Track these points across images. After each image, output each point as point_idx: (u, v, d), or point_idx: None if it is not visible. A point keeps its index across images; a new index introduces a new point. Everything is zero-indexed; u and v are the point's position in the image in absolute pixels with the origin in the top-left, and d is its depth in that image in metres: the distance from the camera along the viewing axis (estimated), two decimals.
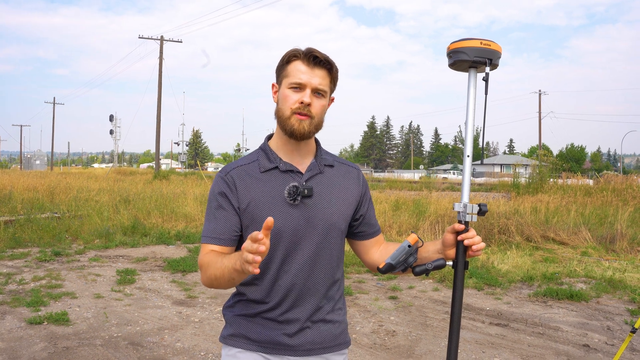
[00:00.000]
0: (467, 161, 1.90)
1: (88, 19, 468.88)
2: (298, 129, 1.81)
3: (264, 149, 1.92)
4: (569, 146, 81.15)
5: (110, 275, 8.05)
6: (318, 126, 1.87)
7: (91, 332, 5.48)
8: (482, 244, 1.84)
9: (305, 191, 1.82)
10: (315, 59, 1.81)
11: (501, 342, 5.39)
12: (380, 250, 2.03)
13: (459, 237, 1.83)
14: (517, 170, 23.86)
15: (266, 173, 1.86)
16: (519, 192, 19.97)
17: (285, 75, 1.85)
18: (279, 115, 1.86)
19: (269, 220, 1.43)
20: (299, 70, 1.81)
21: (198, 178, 32.43)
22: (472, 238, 1.81)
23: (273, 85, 1.92)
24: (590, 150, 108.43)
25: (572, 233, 11.16)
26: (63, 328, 5.56)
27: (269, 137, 1.97)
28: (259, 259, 1.42)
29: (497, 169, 77.48)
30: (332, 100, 1.95)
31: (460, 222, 1.86)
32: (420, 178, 49.59)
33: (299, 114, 1.81)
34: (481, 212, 1.85)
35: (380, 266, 1.85)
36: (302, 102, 1.80)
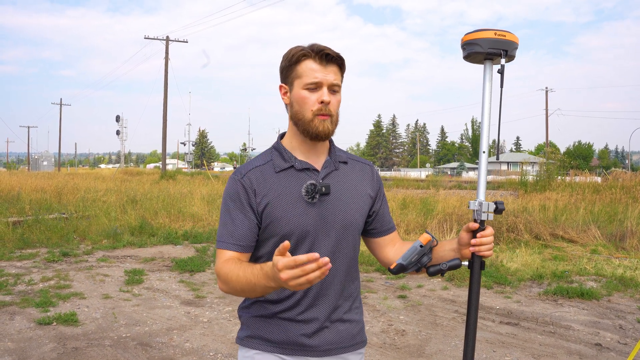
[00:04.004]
0: (483, 157, 1.84)
1: (94, 20, 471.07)
2: (323, 130, 1.78)
3: (278, 148, 1.88)
4: (576, 143, 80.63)
5: (119, 275, 8.05)
6: (336, 122, 1.84)
7: (100, 332, 5.47)
8: (489, 252, 1.82)
9: (323, 189, 1.79)
10: (327, 56, 1.77)
11: (512, 341, 5.35)
12: (395, 249, 1.99)
13: (477, 235, 1.81)
14: (524, 168, 23.75)
15: (282, 173, 1.82)
16: (527, 190, 19.86)
17: (298, 75, 1.79)
18: (298, 119, 1.80)
19: (285, 244, 1.46)
20: (313, 69, 1.76)
21: (205, 178, 32.47)
22: (480, 239, 1.80)
23: (281, 87, 1.87)
24: (597, 147, 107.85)
25: (581, 231, 11.08)
26: (72, 328, 5.56)
27: (282, 135, 1.93)
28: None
29: (504, 167, 77.23)
30: None
31: (475, 220, 1.82)
32: (426, 176, 49.50)
33: (321, 114, 1.77)
34: (498, 210, 1.81)
35: (392, 267, 1.82)
36: (322, 102, 1.76)
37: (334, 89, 1.80)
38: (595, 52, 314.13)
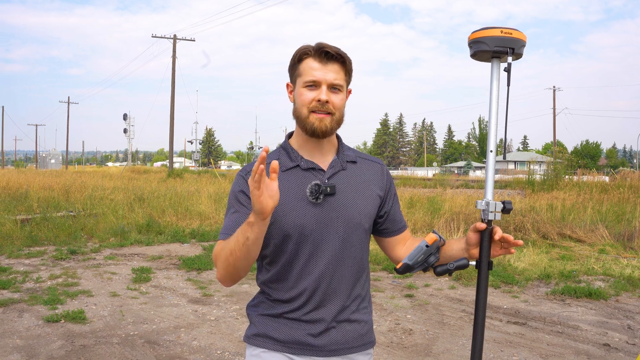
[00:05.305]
0: (491, 156, 1.83)
1: (102, 18, 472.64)
2: (319, 127, 1.78)
3: (285, 147, 1.89)
4: (584, 142, 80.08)
5: (126, 273, 8.08)
6: (339, 122, 1.83)
7: (108, 330, 5.49)
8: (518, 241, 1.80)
9: (328, 189, 1.78)
10: (327, 54, 1.77)
11: (519, 340, 5.33)
12: (406, 247, 1.99)
13: (494, 234, 1.78)
14: (531, 167, 23.65)
15: (288, 172, 1.83)
16: (534, 189, 19.76)
17: (299, 74, 1.81)
18: (297, 115, 1.82)
19: (274, 163, 1.48)
20: (312, 68, 1.77)
21: (212, 176, 32.52)
22: (508, 241, 1.78)
23: (288, 85, 1.89)
24: (605, 146, 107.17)
25: (589, 230, 11.03)
26: (80, 326, 5.58)
27: (290, 135, 1.94)
28: (257, 187, 1.48)
29: (511, 166, 76.96)
30: (349, 92, 1.91)
31: (483, 220, 1.79)
32: (433, 175, 49.39)
33: (318, 112, 1.78)
34: (505, 210, 1.78)
35: (398, 267, 1.81)
36: (319, 101, 1.76)
37: (335, 87, 1.79)
38: (605, 50, 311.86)
